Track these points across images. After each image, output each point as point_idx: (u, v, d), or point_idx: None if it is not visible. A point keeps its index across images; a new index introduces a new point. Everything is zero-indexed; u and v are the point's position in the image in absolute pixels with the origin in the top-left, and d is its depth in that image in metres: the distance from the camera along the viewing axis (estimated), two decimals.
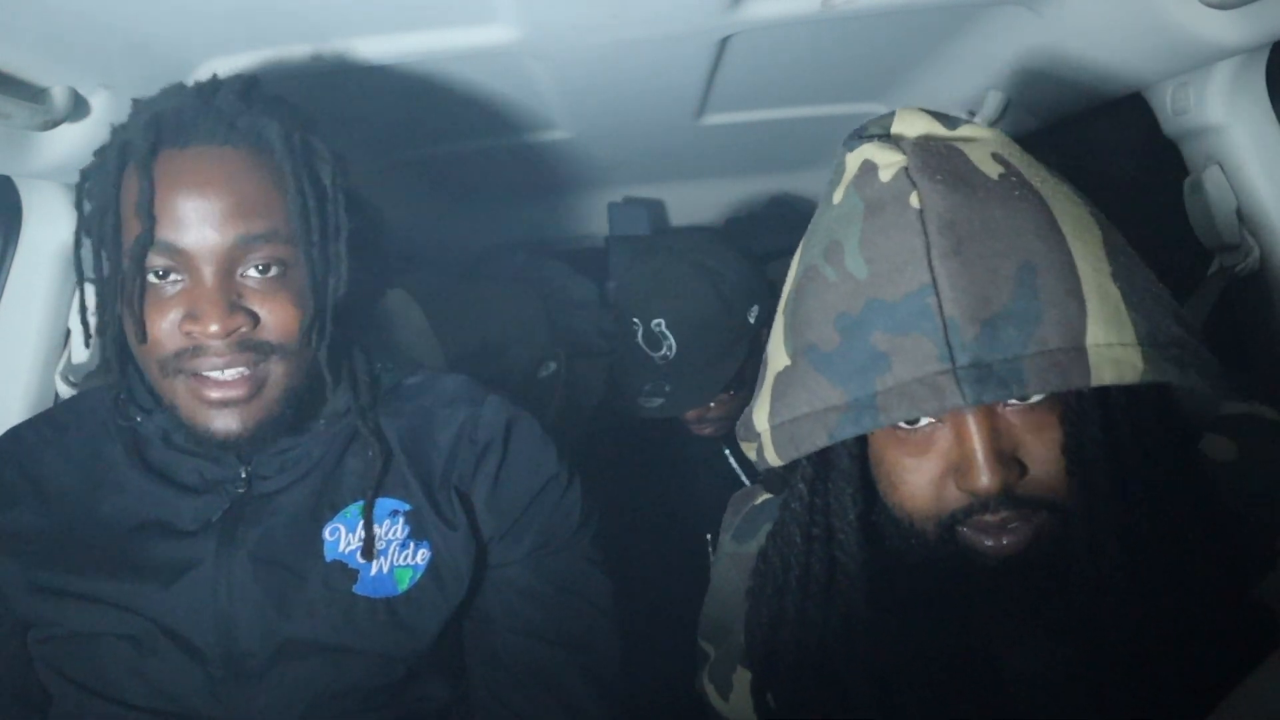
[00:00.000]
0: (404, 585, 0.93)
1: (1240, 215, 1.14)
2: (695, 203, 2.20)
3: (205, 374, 0.86)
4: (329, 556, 0.93)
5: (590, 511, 1.05)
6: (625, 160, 1.94)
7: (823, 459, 0.77)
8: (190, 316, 0.84)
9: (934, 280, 0.63)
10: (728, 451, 1.50)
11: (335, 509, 0.95)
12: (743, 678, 0.93)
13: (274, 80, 1.01)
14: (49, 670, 0.93)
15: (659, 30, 1.12)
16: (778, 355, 0.74)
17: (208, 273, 0.84)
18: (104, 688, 0.91)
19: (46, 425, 1.02)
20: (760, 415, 0.74)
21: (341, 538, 0.94)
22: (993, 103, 1.39)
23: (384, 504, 0.96)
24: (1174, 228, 1.22)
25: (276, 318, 0.87)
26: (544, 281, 2.30)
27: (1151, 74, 1.14)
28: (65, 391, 1.24)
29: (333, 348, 0.93)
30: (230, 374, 0.86)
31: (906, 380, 0.63)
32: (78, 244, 0.97)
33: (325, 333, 0.91)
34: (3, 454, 0.99)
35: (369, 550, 0.93)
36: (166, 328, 0.85)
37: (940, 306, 0.62)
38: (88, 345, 1.06)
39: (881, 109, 1.64)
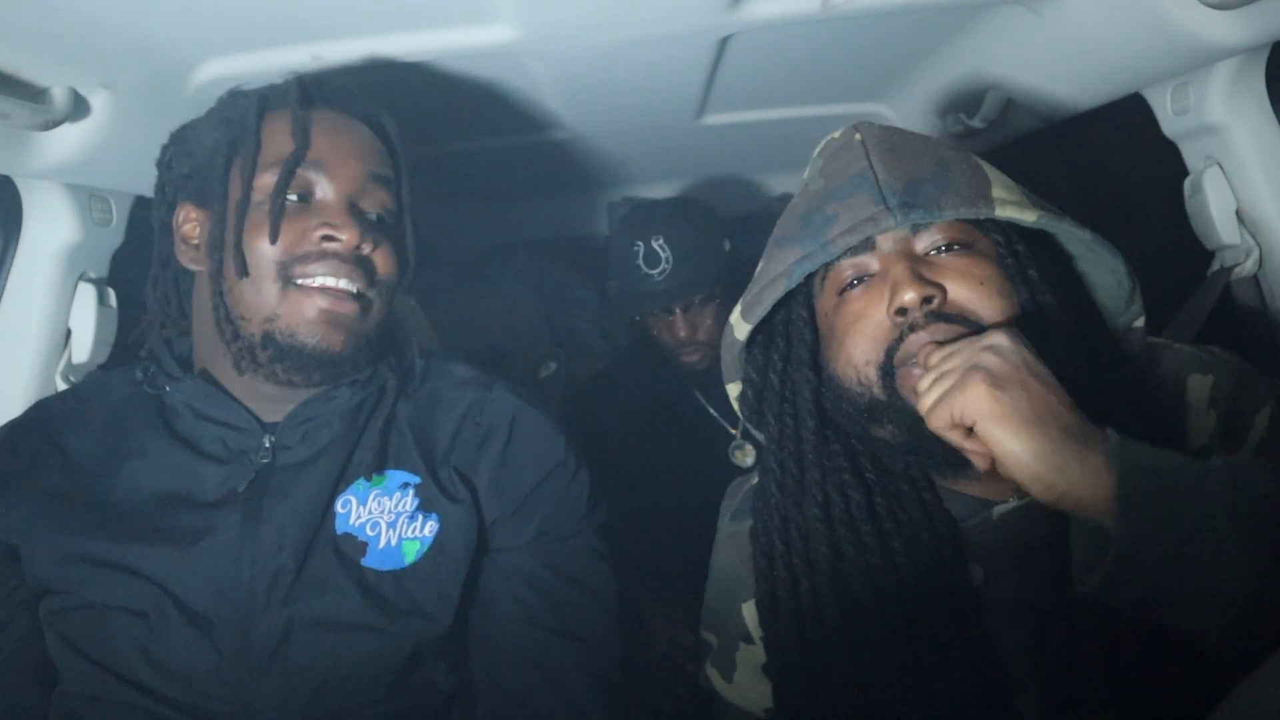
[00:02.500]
0: (411, 558, 0.94)
1: (1240, 215, 1.14)
2: None
3: (324, 279, 0.93)
4: (340, 529, 0.94)
5: (597, 502, 1.05)
6: (625, 160, 1.94)
7: (785, 337, 0.95)
8: (328, 224, 0.93)
9: (870, 164, 0.85)
10: (700, 397, 1.75)
11: (348, 482, 0.97)
12: (744, 654, 0.96)
13: (274, 80, 1.01)
14: (60, 642, 0.94)
15: (659, 30, 1.12)
16: (754, 275, 0.92)
17: (342, 195, 0.96)
18: (112, 663, 0.91)
19: (72, 397, 1.05)
20: (735, 311, 0.93)
21: (353, 510, 0.95)
22: (993, 103, 1.39)
23: (396, 476, 0.98)
24: (1174, 228, 1.22)
25: (383, 256, 0.98)
26: (544, 281, 2.30)
27: (1151, 74, 1.14)
28: None
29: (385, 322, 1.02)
30: (344, 284, 0.94)
31: (851, 223, 0.82)
32: (160, 192, 1.03)
33: (409, 289, 1.04)
34: (30, 422, 1.01)
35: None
36: (296, 236, 0.93)
37: (875, 175, 0.84)
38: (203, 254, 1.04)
39: (881, 109, 1.65)
